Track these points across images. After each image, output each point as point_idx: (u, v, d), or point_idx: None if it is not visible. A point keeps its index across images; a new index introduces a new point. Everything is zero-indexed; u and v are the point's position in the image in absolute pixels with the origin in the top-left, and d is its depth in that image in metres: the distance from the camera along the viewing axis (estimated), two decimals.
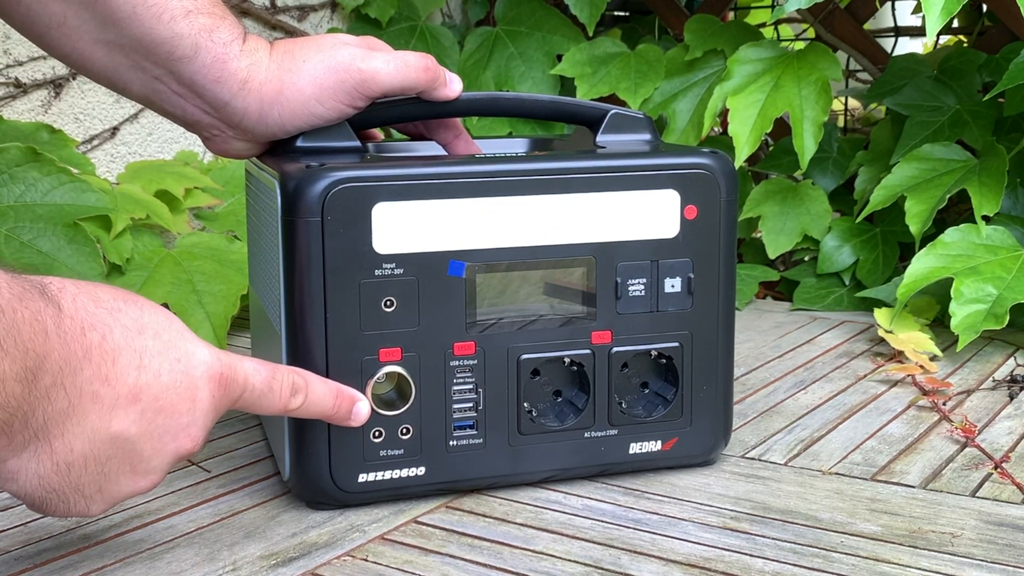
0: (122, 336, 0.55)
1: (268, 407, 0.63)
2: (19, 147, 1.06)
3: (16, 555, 0.66)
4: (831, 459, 0.82)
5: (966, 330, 1.04)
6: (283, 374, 0.63)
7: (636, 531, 0.70)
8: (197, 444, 0.59)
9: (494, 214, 0.70)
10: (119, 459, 0.56)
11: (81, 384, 0.53)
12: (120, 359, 0.54)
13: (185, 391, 0.57)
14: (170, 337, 0.57)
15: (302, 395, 0.64)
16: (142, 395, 0.55)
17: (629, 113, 0.81)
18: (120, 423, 0.55)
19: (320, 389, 0.66)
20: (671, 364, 0.76)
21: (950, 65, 1.36)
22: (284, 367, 0.64)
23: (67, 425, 0.53)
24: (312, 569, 0.64)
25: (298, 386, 0.64)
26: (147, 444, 0.56)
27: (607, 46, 1.49)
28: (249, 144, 0.77)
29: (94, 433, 0.54)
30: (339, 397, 0.67)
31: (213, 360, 0.59)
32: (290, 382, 0.63)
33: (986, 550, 0.66)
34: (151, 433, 0.56)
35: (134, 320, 0.56)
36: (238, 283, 1.12)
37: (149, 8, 0.70)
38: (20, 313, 0.49)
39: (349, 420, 0.68)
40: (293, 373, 0.64)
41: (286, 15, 1.54)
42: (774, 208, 1.38)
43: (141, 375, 0.55)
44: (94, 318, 0.54)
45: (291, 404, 0.64)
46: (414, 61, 0.74)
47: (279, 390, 0.63)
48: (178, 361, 0.57)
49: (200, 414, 0.58)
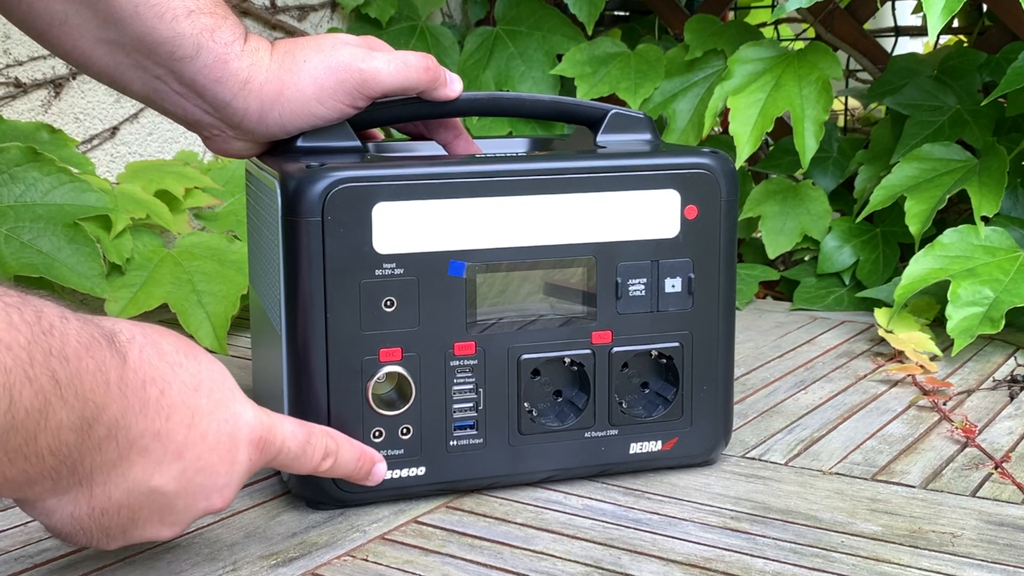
0: (179, 393, 0.55)
1: (299, 468, 0.64)
2: (19, 147, 1.06)
3: (16, 555, 0.66)
4: (831, 459, 0.82)
5: (961, 334, 1.04)
6: (317, 438, 0.64)
7: (636, 531, 0.70)
8: (226, 503, 0.59)
9: (494, 214, 0.70)
10: (150, 510, 0.56)
11: (133, 438, 0.53)
12: (174, 416, 0.55)
13: (227, 452, 0.58)
14: (221, 396, 0.58)
15: (332, 459, 0.65)
16: (187, 453, 0.56)
17: (629, 113, 0.81)
18: (161, 479, 0.55)
19: (347, 452, 0.66)
20: (671, 364, 0.76)
21: (950, 65, 1.36)
22: (319, 429, 0.64)
23: (111, 475, 0.53)
24: (312, 569, 0.64)
25: (329, 450, 0.65)
26: (181, 500, 0.57)
27: (607, 46, 1.49)
28: (249, 144, 0.77)
29: (135, 485, 0.54)
30: (362, 459, 0.67)
31: (256, 423, 0.60)
32: (323, 447, 0.64)
33: (986, 550, 0.66)
34: (187, 491, 0.56)
35: (192, 376, 0.57)
36: (238, 283, 1.12)
37: (151, 7, 0.70)
38: (85, 362, 0.49)
39: (367, 480, 0.68)
40: (327, 436, 0.65)
41: (286, 15, 1.54)
42: (774, 208, 1.38)
43: (190, 433, 0.56)
44: (156, 372, 0.54)
45: (321, 467, 0.64)
46: (414, 61, 0.74)
47: (311, 454, 0.63)
48: (225, 422, 0.58)
49: (236, 476, 0.59)
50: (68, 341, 0.49)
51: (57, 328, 0.48)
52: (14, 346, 0.45)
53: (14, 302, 0.47)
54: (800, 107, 1.29)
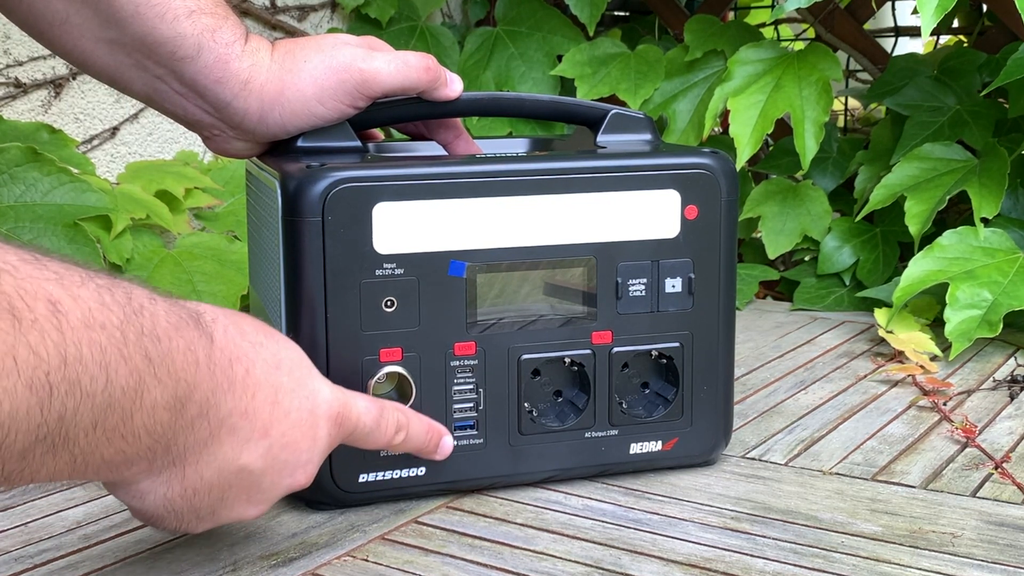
0: (262, 371, 0.56)
1: (373, 443, 0.64)
2: (19, 147, 1.06)
3: (16, 555, 0.66)
4: (831, 459, 0.82)
5: (959, 337, 1.04)
6: (390, 413, 0.65)
7: (637, 531, 0.70)
8: (309, 479, 0.60)
9: (494, 214, 0.70)
10: (239, 488, 0.57)
11: (223, 416, 0.54)
12: (259, 394, 0.56)
13: (308, 429, 0.58)
14: (300, 374, 0.59)
15: (404, 432, 0.66)
16: (272, 431, 0.56)
17: (629, 113, 0.81)
18: (249, 456, 0.56)
19: (417, 426, 0.67)
20: (671, 364, 0.76)
21: (950, 65, 1.36)
22: (390, 405, 0.65)
23: (203, 454, 0.54)
24: (312, 569, 0.64)
25: (401, 424, 0.65)
26: (267, 478, 0.57)
27: (607, 46, 1.49)
28: (250, 144, 0.77)
29: (224, 463, 0.55)
30: (430, 431, 0.68)
31: (333, 399, 0.60)
32: (395, 420, 0.65)
33: (987, 550, 0.66)
34: (273, 468, 0.57)
35: (273, 355, 0.57)
36: (238, 283, 1.12)
37: (152, 7, 0.70)
38: (176, 342, 0.50)
39: (435, 454, 0.69)
40: (398, 411, 0.66)
41: (286, 15, 1.54)
42: (774, 208, 1.38)
43: (275, 411, 0.56)
44: (240, 351, 0.55)
45: (394, 441, 0.65)
46: (415, 61, 0.74)
47: (385, 428, 0.64)
48: (306, 399, 0.58)
49: (317, 451, 0.60)
50: (158, 321, 0.49)
51: (147, 308, 0.49)
52: (108, 326, 0.46)
53: (105, 283, 0.47)
54: (800, 108, 1.29)
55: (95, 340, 0.45)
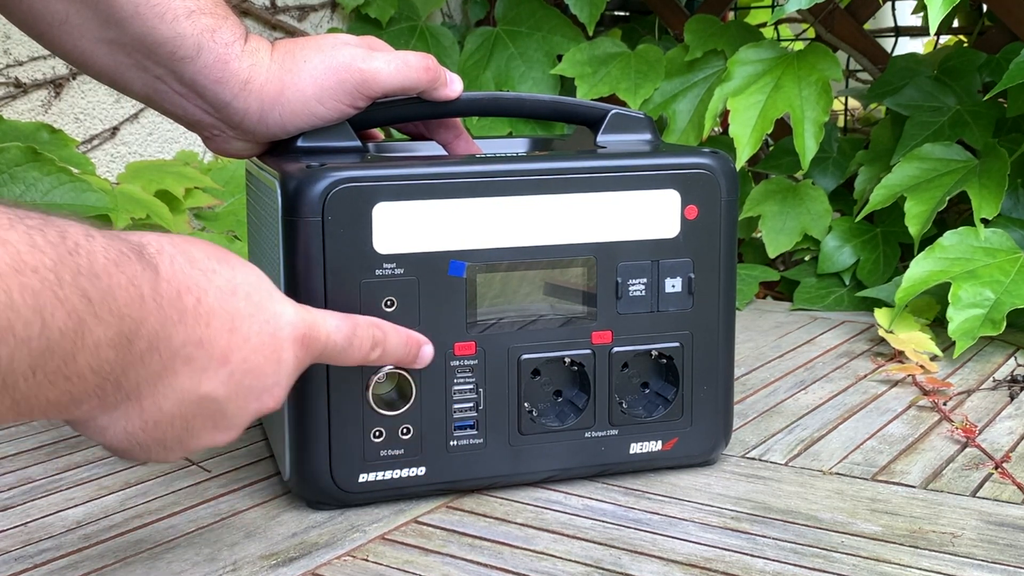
0: (216, 299, 0.55)
1: (347, 361, 0.64)
2: (19, 147, 1.06)
3: (16, 555, 0.66)
4: (831, 459, 0.82)
5: (963, 336, 1.04)
6: (363, 329, 0.64)
7: (637, 531, 0.70)
8: (278, 403, 0.59)
9: (494, 214, 0.70)
10: (204, 417, 0.56)
11: (175, 347, 0.53)
12: (213, 322, 0.55)
13: (271, 352, 0.58)
14: (260, 298, 0.58)
15: (380, 348, 0.65)
16: (232, 357, 0.56)
17: (629, 113, 0.81)
18: (209, 384, 0.55)
19: (395, 339, 0.67)
20: (671, 364, 0.76)
21: (950, 65, 1.36)
22: (364, 320, 0.65)
23: (158, 386, 0.53)
24: (312, 569, 0.64)
25: (377, 340, 0.65)
26: (232, 404, 0.57)
27: (607, 46, 1.49)
28: (249, 144, 0.77)
29: (184, 393, 0.54)
30: (409, 343, 0.68)
31: (298, 320, 0.60)
32: (370, 336, 0.65)
33: (987, 550, 0.66)
34: (238, 394, 0.57)
35: (227, 281, 0.56)
36: None
37: (152, 8, 0.70)
38: (116, 278, 0.49)
39: (417, 363, 0.69)
40: (373, 327, 0.65)
41: (286, 15, 1.54)
42: (774, 208, 1.38)
43: (232, 338, 0.56)
44: (190, 280, 0.54)
45: (370, 357, 0.65)
46: (415, 61, 0.74)
47: (359, 345, 0.64)
48: (267, 323, 0.58)
49: (284, 374, 0.59)
50: (96, 259, 0.48)
51: (83, 247, 0.48)
52: (40, 268, 0.45)
53: (36, 224, 0.46)
54: (800, 109, 1.29)
55: (26, 284, 0.44)
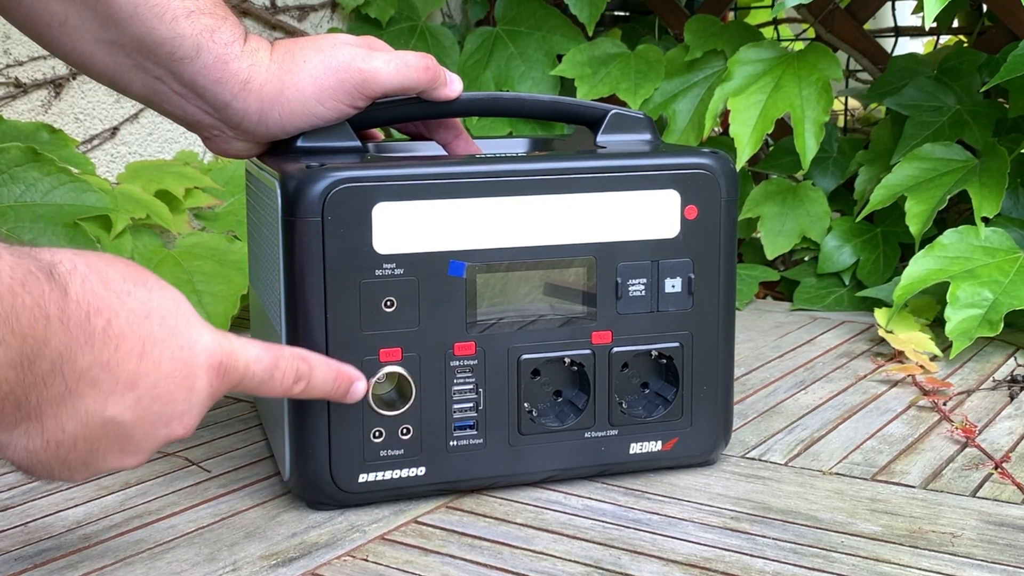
0: (127, 322, 0.54)
1: (268, 392, 0.63)
2: (19, 147, 1.06)
3: (16, 555, 0.66)
4: (831, 459, 0.82)
5: (960, 336, 1.04)
6: (287, 362, 0.63)
7: (636, 531, 0.70)
8: (188, 430, 0.59)
9: (494, 214, 0.70)
10: (109, 440, 0.55)
11: (80, 370, 0.52)
12: (123, 345, 0.54)
13: (183, 380, 0.57)
14: (175, 323, 0.57)
15: (304, 382, 0.64)
16: (140, 383, 0.55)
17: (629, 113, 0.81)
18: (115, 409, 0.54)
19: (321, 374, 0.65)
20: (671, 364, 0.76)
21: (950, 65, 1.36)
22: (288, 352, 0.64)
23: (61, 408, 0.53)
24: (312, 569, 0.64)
25: (302, 373, 0.64)
26: (139, 429, 0.56)
27: (607, 46, 1.49)
28: (249, 144, 0.77)
29: (87, 416, 0.54)
30: (339, 378, 0.67)
31: (215, 348, 0.59)
32: (294, 369, 0.63)
33: (986, 550, 0.66)
34: (144, 420, 0.56)
35: (141, 304, 0.55)
36: (238, 283, 1.12)
37: (151, 8, 0.70)
38: (21, 299, 0.49)
39: (346, 399, 0.68)
40: (297, 359, 0.64)
41: (286, 15, 1.54)
42: (773, 209, 1.38)
43: (142, 362, 0.55)
44: (101, 302, 0.53)
45: (293, 390, 0.64)
46: (414, 61, 0.74)
47: (281, 378, 0.63)
48: (180, 349, 0.57)
49: (196, 402, 0.58)
50: (1, 279, 0.48)
51: None
52: None
53: None
54: (800, 108, 1.29)
55: None
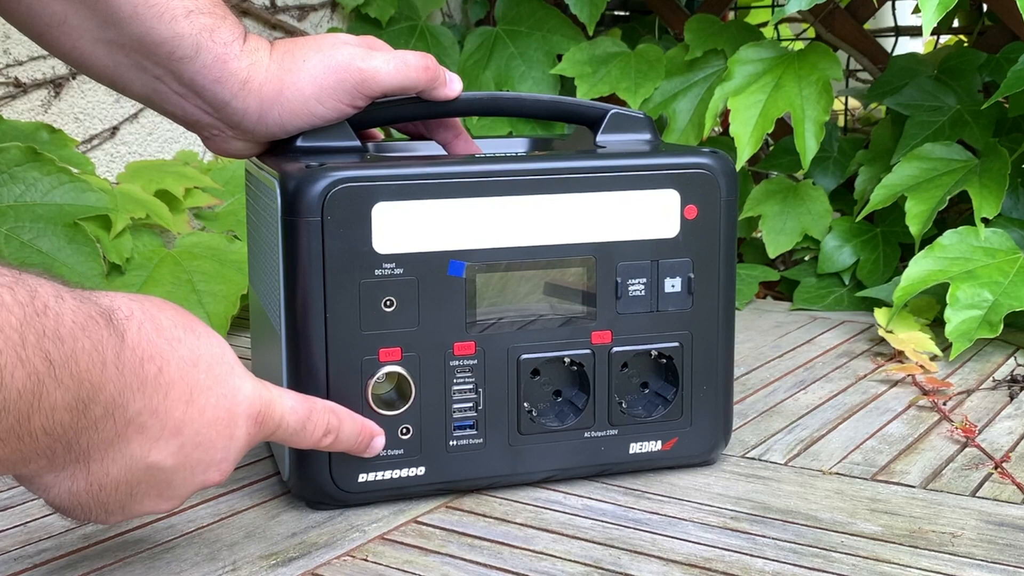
0: (177, 369, 0.55)
1: (298, 444, 0.64)
2: (19, 147, 1.06)
3: (16, 555, 0.66)
4: (831, 459, 0.82)
5: (960, 338, 1.04)
6: (319, 415, 0.64)
7: (636, 531, 0.70)
8: (224, 477, 0.60)
9: (494, 214, 0.70)
10: (148, 485, 0.56)
11: (131, 416, 0.53)
12: (172, 393, 0.55)
13: (224, 428, 0.58)
14: (220, 371, 0.58)
15: (333, 436, 0.65)
16: (185, 429, 0.56)
17: (629, 113, 0.81)
18: (159, 455, 0.55)
19: (349, 429, 0.67)
20: (671, 364, 0.76)
21: (950, 65, 1.36)
22: (320, 405, 0.65)
23: (108, 452, 0.53)
24: (312, 569, 0.64)
25: (331, 427, 0.65)
26: (179, 475, 0.57)
27: (607, 46, 1.49)
28: (249, 144, 0.77)
29: (132, 461, 0.54)
30: (362, 433, 0.68)
31: (255, 397, 0.60)
32: (324, 423, 0.64)
33: (986, 550, 0.66)
34: (185, 466, 0.57)
35: (191, 351, 0.56)
36: (238, 283, 1.12)
37: (150, 8, 0.70)
38: (81, 343, 0.49)
39: (365, 453, 0.69)
40: (329, 413, 0.65)
41: (286, 15, 1.54)
42: (774, 208, 1.38)
43: (188, 410, 0.56)
44: (154, 349, 0.54)
45: (322, 443, 0.65)
46: (414, 60, 0.74)
47: (312, 430, 0.64)
48: (224, 397, 0.57)
49: (234, 450, 0.59)
50: (63, 321, 0.49)
51: (52, 308, 0.48)
52: (5, 327, 0.45)
53: (7, 282, 0.47)
54: (800, 108, 1.29)
55: None
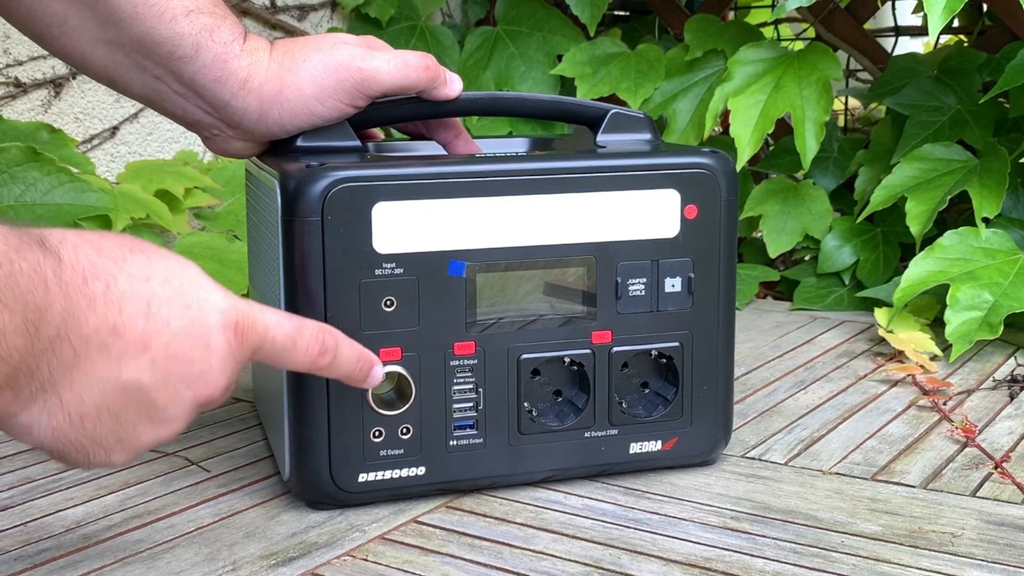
0: (127, 284, 0.54)
1: (292, 363, 0.61)
2: (19, 147, 1.06)
3: (16, 555, 0.66)
4: (831, 459, 0.82)
5: (960, 339, 1.04)
6: (311, 332, 0.62)
7: (636, 531, 0.69)
8: (217, 391, 0.57)
9: (494, 214, 0.70)
10: (134, 409, 0.54)
11: (87, 334, 0.52)
12: (127, 307, 0.53)
13: (197, 338, 0.56)
14: (181, 283, 0.56)
15: (331, 355, 0.63)
16: (152, 343, 0.54)
17: (629, 113, 0.81)
18: (130, 372, 0.53)
19: (347, 350, 0.64)
20: (671, 364, 0.75)
21: (950, 65, 1.36)
22: (313, 324, 0.62)
23: (75, 376, 0.52)
24: (312, 569, 0.64)
25: (328, 346, 0.62)
26: (161, 393, 0.55)
27: (607, 46, 1.49)
28: (249, 144, 0.77)
29: (104, 383, 0.53)
30: (362, 359, 0.65)
31: (228, 307, 0.57)
32: (319, 340, 0.62)
33: (986, 550, 0.66)
34: (165, 381, 0.55)
35: (141, 268, 0.55)
36: (238, 283, 1.12)
37: (150, 7, 0.70)
38: (18, 265, 0.49)
39: (364, 382, 0.66)
40: (324, 332, 0.62)
41: (286, 15, 1.54)
42: (775, 208, 1.38)
43: (149, 323, 0.54)
44: (96, 267, 0.53)
45: (318, 363, 0.62)
46: (414, 60, 0.74)
47: (305, 348, 0.61)
48: (188, 308, 0.55)
49: (216, 361, 0.57)
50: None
51: None
52: None
53: None
54: (800, 108, 1.29)
55: None
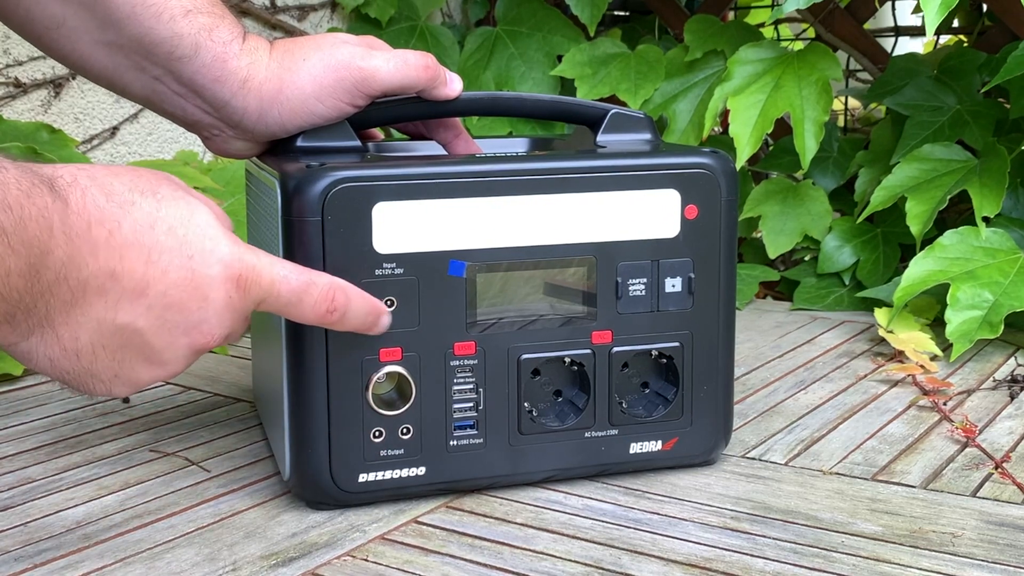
0: (131, 231, 0.55)
1: (298, 317, 0.62)
2: (19, 147, 1.06)
3: (16, 555, 0.66)
4: (831, 459, 0.82)
5: (960, 338, 1.04)
6: (321, 290, 0.62)
7: (636, 531, 0.69)
8: (213, 339, 0.59)
9: (494, 214, 0.70)
10: (131, 350, 0.56)
11: (86, 279, 0.54)
12: (128, 254, 0.55)
13: (194, 289, 0.57)
14: (186, 232, 0.57)
15: (339, 313, 0.63)
16: (149, 290, 0.55)
17: (629, 113, 0.81)
18: (126, 316, 0.55)
19: (358, 306, 0.64)
20: (671, 364, 0.75)
21: (950, 65, 1.36)
22: (324, 279, 0.63)
23: (71, 315, 0.54)
24: (312, 569, 0.64)
25: (337, 304, 0.63)
26: (158, 338, 0.57)
27: (607, 47, 1.49)
28: (249, 144, 0.77)
29: (99, 324, 0.55)
30: (371, 311, 0.66)
31: (233, 260, 0.58)
32: (329, 298, 0.62)
33: (987, 550, 0.66)
34: (161, 327, 0.56)
35: (147, 214, 0.56)
36: None
37: (148, 8, 0.70)
38: (27, 209, 0.50)
39: (373, 331, 0.67)
40: (335, 289, 0.63)
41: (286, 15, 1.54)
42: (775, 208, 1.38)
43: (148, 270, 0.55)
44: (102, 213, 0.54)
45: (326, 319, 0.63)
46: (414, 60, 0.74)
47: (312, 304, 0.62)
48: (190, 258, 0.57)
49: (213, 312, 0.58)
50: (9, 190, 0.50)
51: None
52: None
53: None
54: (800, 108, 1.29)
55: None
